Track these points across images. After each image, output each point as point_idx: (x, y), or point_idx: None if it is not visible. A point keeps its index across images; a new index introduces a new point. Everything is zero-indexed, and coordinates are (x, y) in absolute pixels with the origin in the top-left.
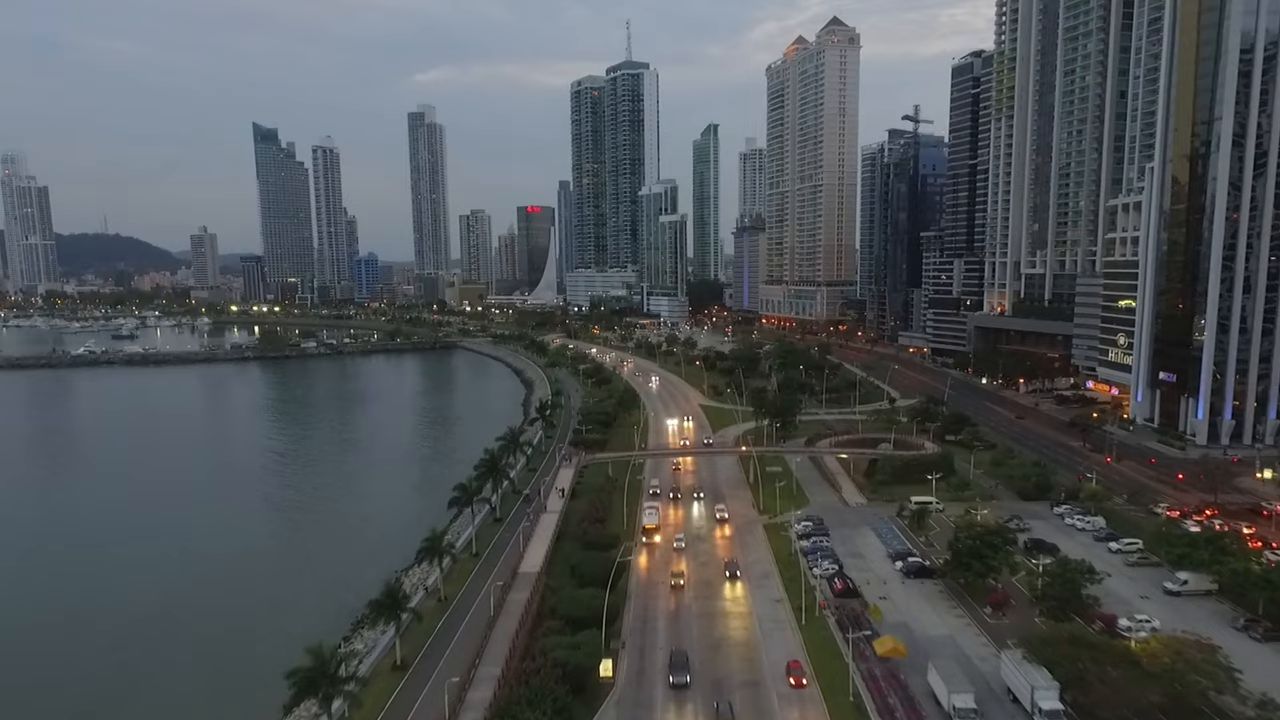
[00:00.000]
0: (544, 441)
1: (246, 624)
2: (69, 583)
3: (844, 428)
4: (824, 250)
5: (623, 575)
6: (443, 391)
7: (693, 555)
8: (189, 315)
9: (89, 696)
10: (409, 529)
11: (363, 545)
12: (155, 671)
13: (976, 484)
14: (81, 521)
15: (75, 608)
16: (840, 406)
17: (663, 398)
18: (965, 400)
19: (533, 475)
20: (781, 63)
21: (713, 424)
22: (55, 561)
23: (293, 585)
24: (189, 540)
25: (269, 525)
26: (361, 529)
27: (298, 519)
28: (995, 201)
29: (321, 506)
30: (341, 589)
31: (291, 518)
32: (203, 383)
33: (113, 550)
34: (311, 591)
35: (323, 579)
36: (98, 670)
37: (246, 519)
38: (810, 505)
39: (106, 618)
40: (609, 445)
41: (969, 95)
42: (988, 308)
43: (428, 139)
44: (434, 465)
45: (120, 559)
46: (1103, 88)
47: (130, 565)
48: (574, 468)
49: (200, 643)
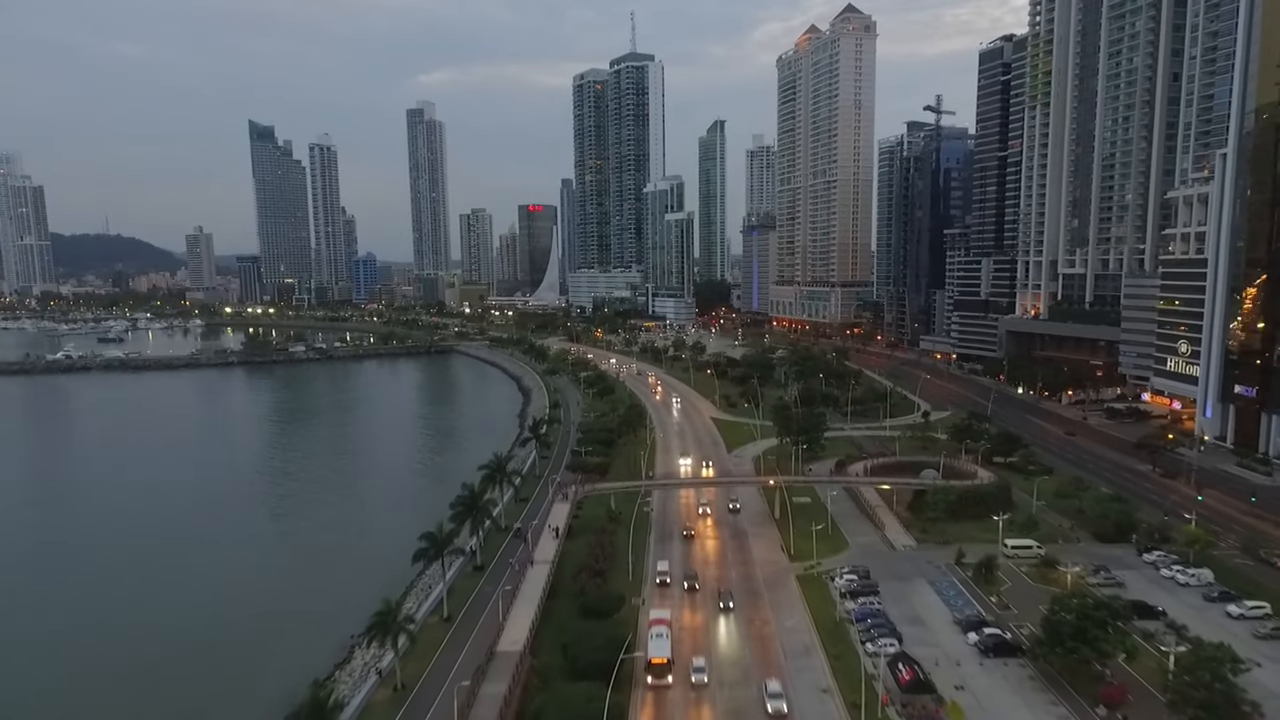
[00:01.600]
0: (537, 464)
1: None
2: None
3: (876, 447)
4: (838, 249)
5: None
6: (435, 401)
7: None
8: (181, 317)
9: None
10: (375, 571)
11: (320, 596)
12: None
13: (1041, 520)
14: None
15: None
16: (867, 420)
17: (671, 409)
18: (1002, 412)
19: (524, 506)
20: (793, 53)
21: (727, 441)
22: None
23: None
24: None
25: (203, 575)
26: (324, 574)
27: (247, 560)
28: (1029, 196)
29: (283, 543)
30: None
31: (240, 557)
32: (179, 391)
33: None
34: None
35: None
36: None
37: (180, 564)
38: (850, 549)
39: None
40: (611, 471)
41: (998, 82)
42: (1020, 311)
43: (427, 136)
44: (419, 488)
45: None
46: (1153, 70)
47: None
48: (570, 501)
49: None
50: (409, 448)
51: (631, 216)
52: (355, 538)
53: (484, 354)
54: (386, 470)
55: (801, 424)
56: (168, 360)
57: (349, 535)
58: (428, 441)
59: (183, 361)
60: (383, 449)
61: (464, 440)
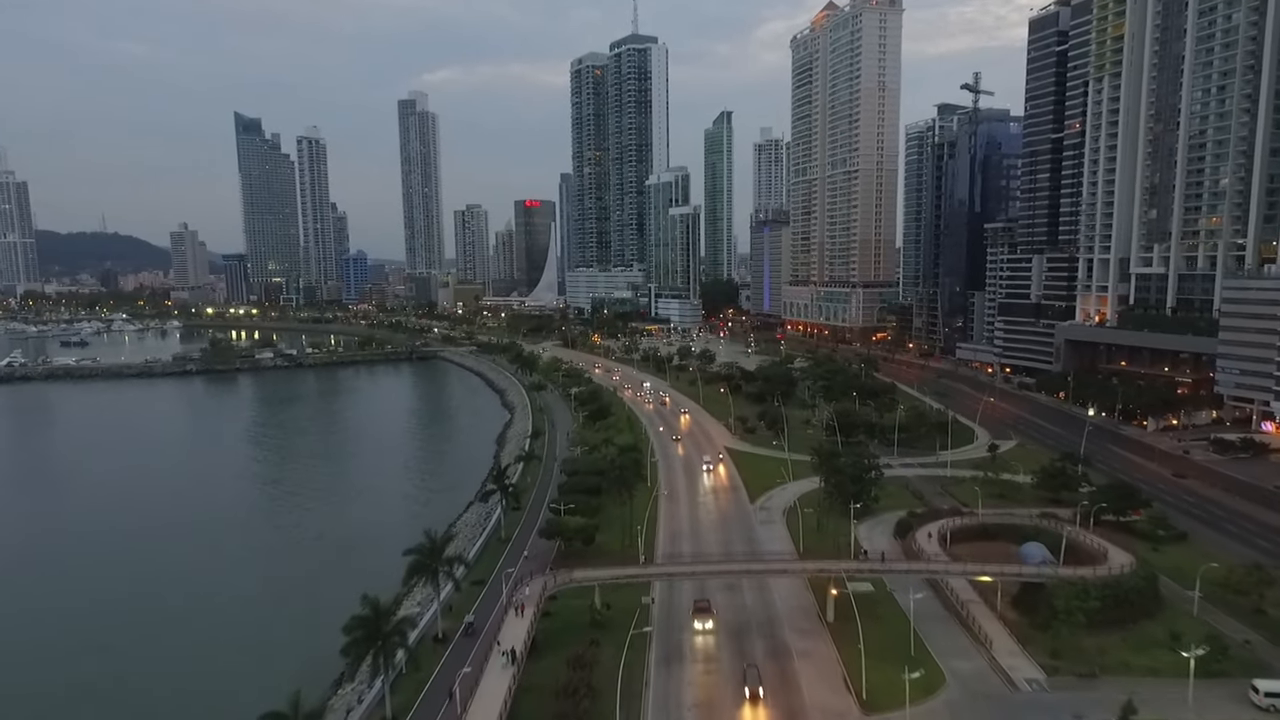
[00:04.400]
0: (504, 522)
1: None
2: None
3: (941, 497)
4: (859, 246)
5: None
6: (403, 422)
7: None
8: (159, 319)
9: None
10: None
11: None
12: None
13: (1209, 628)
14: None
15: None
16: (918, 453)
17: (676, 435)
18: (1069, 439)
19: (476, 592)
20: (809, 32)
21: (749, 484)
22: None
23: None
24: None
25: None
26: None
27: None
28: (1093, 183)
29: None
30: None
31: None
32: (122, 405)
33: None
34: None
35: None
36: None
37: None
38: (947, 687)
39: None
40: (598, 541)
41: (1052, 53)
42: (1081, 316)
43: (419, 128)
44: (337, 572)
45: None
46: (1258, 27)
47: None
48: (537, 599)
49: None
50: (349, 497)
51: (633, 211)
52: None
53: (469, 362)
54: (303, 536)
55: (848, 467)
56: (118, 369)
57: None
58: (378, 486)
59: (134, 370)
60: (320, 498)
61: (424, 482)
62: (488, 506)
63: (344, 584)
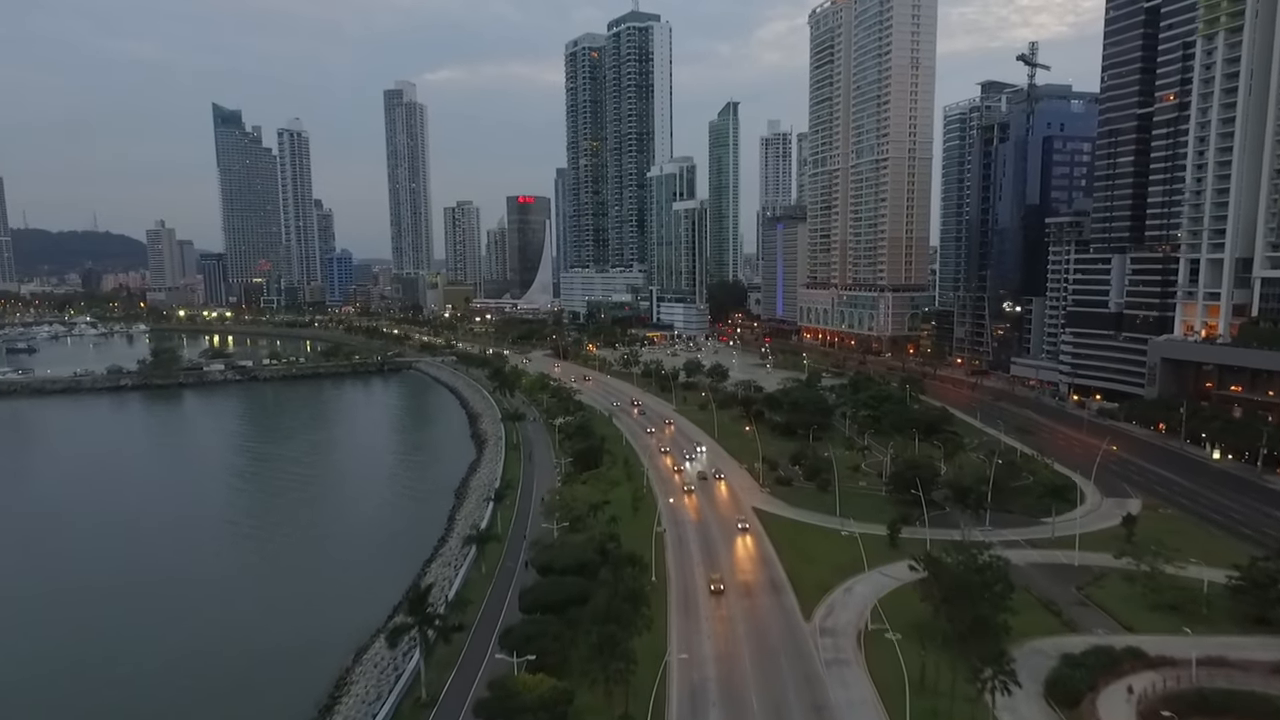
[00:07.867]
0: (424, 677)
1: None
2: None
3: (1088, 614)
4: (888, 245)
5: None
6: (340, 462)
7: None
8: (125, 322)
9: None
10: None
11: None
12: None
13: None
14: None
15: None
16: (1012, 519)
17: (686, 491)
18: (1205, 495)
19: None
20: (829, 5)
21: (796, 577)
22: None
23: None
24: None
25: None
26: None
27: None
28: (1200, 165)
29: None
30: None
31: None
32: (26, 432)
33: None
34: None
35: None
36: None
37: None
38: None
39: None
40: (577, 705)
41: (1139, 10)
42: (1181, 330)
43: (406, 120)
44: None
45: None
46: None
47: None
48: None
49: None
50: (255, 594)
51: (633, 206)
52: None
53: (445, 375)
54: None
55: (961, 574)
56: (39, 384)
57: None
58: (291, 573)
59: (60, 386)
60: (233, 563)
61: (323, 584)
62: (400, 649)
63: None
